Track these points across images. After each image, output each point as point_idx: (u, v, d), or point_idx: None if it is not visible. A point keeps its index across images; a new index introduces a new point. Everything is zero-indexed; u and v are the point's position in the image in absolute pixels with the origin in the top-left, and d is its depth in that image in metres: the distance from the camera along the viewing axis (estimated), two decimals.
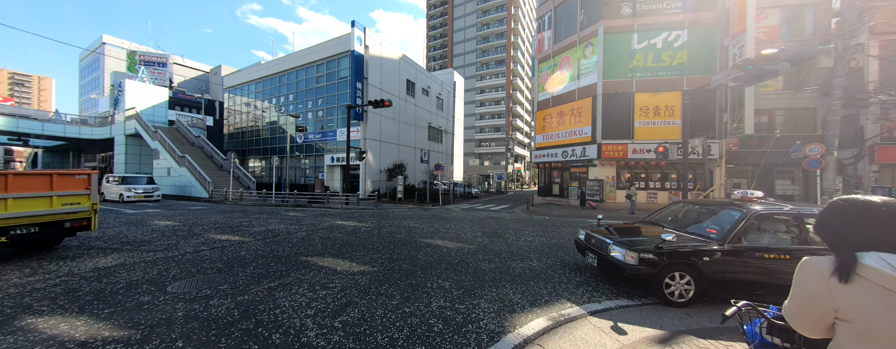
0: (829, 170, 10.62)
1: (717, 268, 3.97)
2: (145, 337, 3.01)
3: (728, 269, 3.97)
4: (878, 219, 0.99)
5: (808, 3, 15.79)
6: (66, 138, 36.13)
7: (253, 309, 3.67)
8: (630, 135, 16.85)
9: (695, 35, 16.49)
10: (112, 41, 54.52)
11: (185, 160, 24.32)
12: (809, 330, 1.08)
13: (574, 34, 19.07)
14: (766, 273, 3.93)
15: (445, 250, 6.83)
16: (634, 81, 17.07)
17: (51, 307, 3.68)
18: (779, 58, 8.70)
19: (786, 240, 4.15)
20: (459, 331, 3.23)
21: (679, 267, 4.02)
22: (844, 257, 0.99)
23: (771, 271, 3.92)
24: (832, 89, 10.48)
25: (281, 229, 9.41)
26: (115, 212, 13.06)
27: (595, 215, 13.85)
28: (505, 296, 4.17)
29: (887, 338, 0.91)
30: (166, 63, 53.40)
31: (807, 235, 4.03)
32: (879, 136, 14.19)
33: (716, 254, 3.99)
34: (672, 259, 4.01)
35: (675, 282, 4.03)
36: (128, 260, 5.74)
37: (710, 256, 3.99)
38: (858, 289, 0.95)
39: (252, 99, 31.62)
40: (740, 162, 15.65)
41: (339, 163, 24.39)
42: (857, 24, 10.06)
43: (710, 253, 4.01)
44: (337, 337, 3.07)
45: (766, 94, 16.10)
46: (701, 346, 2.98)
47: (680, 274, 4.02)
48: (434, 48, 72.73)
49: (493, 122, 63.01)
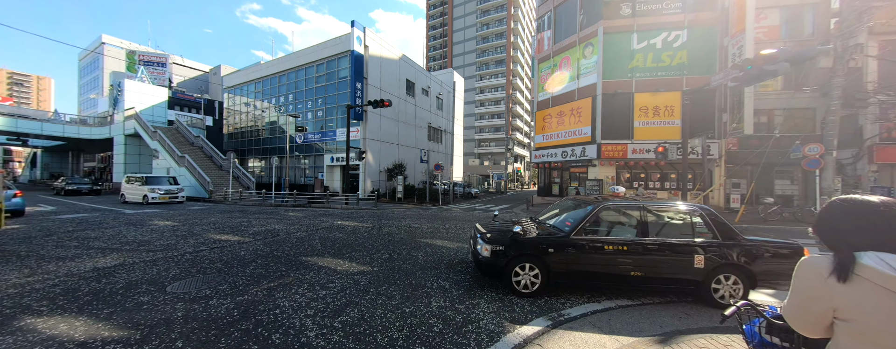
0: (828, 170, 10.63)
1: (562, 260, 4.14)
2: (145, 337, 3.01)
3: (572, 261, 4.13)
4: (876, 218, 1.00)
5: (807, 4, 15.81)
6: (65, 138, 36.09)
7: (252, 309, 3.67)
8: (630, 135, 16.86)
9: (694, 35, 16.50)
10: (111, 41, 54.46)
11: (185, 160, 24.30)
12: (808, 329, 1.08)
13: (574, 34, 19.08)
14: (605, 264, 4.10)
15: (445, 250, 6.83)
16: (634, 81, 17.08)
17: (50, 307, 3.67)
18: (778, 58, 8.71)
19: (630, 232, 4.29)
20: (459, 331, 3.23)
21: (527, 258, 4.18)
22: (843, 257, 0.99)
23: (609, 262, 4.09)
24: (831, 89, 10.49)
25: (280, 229, 9.40)
26: (114, 213, 13.05)
27: None
28: (505, 296, 4.17)
29: (886, 337, 0.91)
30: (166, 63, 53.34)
31: (649, 229, 4.21)
32: (878, 136, 14.22)
33: (561, 247, 4.15)
34: (519, 251, 4.18)
35: (523, 274, 4.18)
36: (127, 260, 5.73)
37: (555, 248, 4.15)
38: (857, 288, 0.95)
39: (251, 99, 31.60)
40: (740, 162, 15.67)
41: (338, 163, 24.38)
42: (856, 25, 10.08)
43: (556, 245, 4.17)
44: (337, 337, 3.07)
45: (766, 94, 16.12)
46: (700, 346, 2.98)
47: (529, 265, 4.17)
48: (434, 48, 72.73)
49: (492, 122, 63.03)
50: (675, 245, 4.09)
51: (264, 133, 30.52)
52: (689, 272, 4.02)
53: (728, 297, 4.02)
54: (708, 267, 3.99)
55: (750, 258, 4.01)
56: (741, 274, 4.01)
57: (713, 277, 4.03)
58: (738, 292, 4.02)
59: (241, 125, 33.05)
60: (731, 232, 4.13)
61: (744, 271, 4.00)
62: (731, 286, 4.03)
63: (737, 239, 4.09)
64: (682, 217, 4.41)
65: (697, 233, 4.21)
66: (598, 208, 4.40)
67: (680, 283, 4.11)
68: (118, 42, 55.08)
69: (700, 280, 4.02)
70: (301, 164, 28.00)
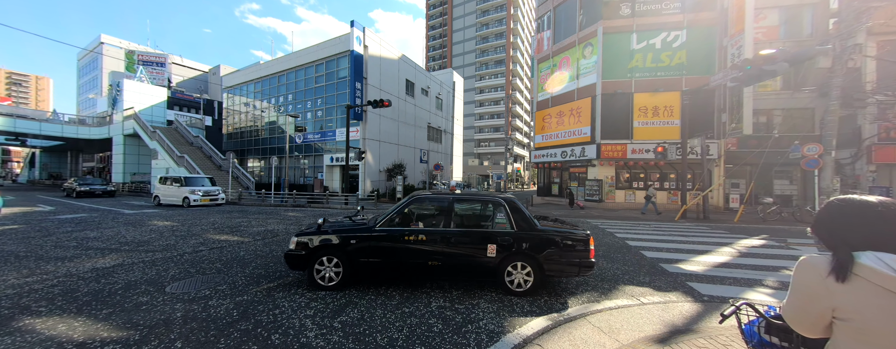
0: (827, 169, 10.65)
1: (364, 252, 4.22)
2: (144, 337, 3.00)
3: (374, 253, 4.22)
4: (874, 218, 1.00)
5: (806, 4, 15.84)
6: (63, 138, 36.04)
7: (252, 309, 3.67)
8: (629, 135, 16.88)
9: (693, 35, 16.53)
10: (110, 41, 54.39)
11: (184, 160, 24.27)
12: (807, 329, 1.09)
13: (573, 34, 19.09)
14: (406, 255, 4.20)
15: None
16: (633, 81, 17.10)
17: (49, 308, 3.66)
18: (777, 58, 8.73)
19: (436, 224, 4.42)
20: (459, 331, 3.23)
21: (329, 250, 4.23)
22: (842, 257, 0.99)
23: (409, 253, 4.20)
24: (830, 89, 10.51)
25: (280, 229, 9.39)
26: (112, 213, 13.03)
27: (588, 216, 13.86)
28: (504, 296, 4.17)
29: (884, 336, 0.92)
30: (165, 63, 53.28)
31: (453, 220, 4.35)
32: (877, 136, 14.25)
33: (363, 239, 4.23)
34: (321, 243, 4.24)
35: (325, 266, 4.23)
36: (126, 260, 5.72)
37: (357, 240, 4.23)
38: (856, 288, 0.96)
39: (251, 99, 31.57)
40: (739, 162, 15.70)
41: (338, 163, 24.37)
42: (855, 25, 10.09)
43: (358, 237, 4.23)
44: (336, 337, 3.07)
45: (765, 94, 16.15)
46: (700, 346, 2.98)
47: (328, 257, 4.23)
48: (433, 48, 72.73)
49: (492, 122, 63.05)
50: (469, 235, 4.26)
51: (264, 133, 30.50)
52: (482, 261, 4.15)
53: (523, 285, 4.14)
54: (499, 256, 4.11)
55: (539, 247, 4.14)
56: (531, 262, 4.13)
57: (506, 265, 4.15)
58: (529, 281, 4.14)
59: (240, 125, 33.02)
60: (526, 221, 4.25)
61: (533, 259, 4.13)
62: (523, 274, 4.15)
63: (530, 228, 4.20)
64: (486, 208, 4.56)
65: (496, 224, 4.37)
66: (409, 200, 4.54)
67: (475, 272, 4.24)
68: (117, 42, 55.01)
69: (493, 268, 4.14)
70: (300, 164, 27.98)
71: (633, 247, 7.29)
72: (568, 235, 4.21)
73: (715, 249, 7.12)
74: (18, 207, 14.53)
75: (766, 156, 13.62)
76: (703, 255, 6.52)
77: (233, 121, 33.81)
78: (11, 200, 17.75)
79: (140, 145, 32.80)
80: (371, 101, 16.39)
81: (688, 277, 5.11)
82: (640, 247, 7.37)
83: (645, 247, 7.37)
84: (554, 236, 4.20)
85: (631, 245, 7.58)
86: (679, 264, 5.86)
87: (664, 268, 5.58)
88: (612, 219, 12.79)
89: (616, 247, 7.30)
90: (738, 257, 6.46)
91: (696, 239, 8.41)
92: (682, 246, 7.48)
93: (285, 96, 28.55)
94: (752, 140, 15.25)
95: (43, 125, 33.63)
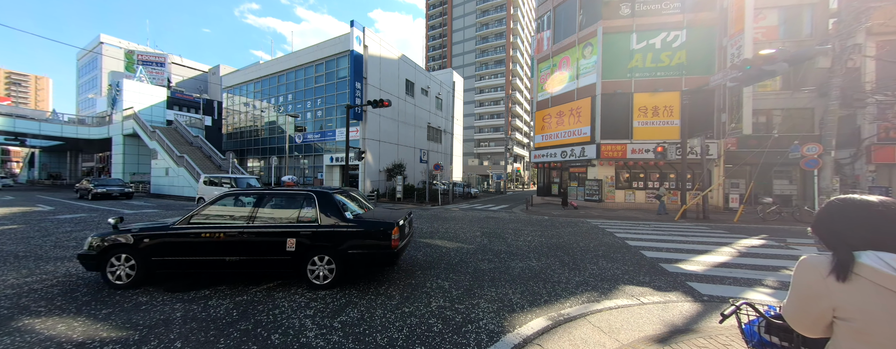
0: (827, 169, 10.66)
1: (160, 250, 4.21)
2: (143, 337, 3.00)
3: (170, 251, 4.22)
4: (874, 218, 1.00)
5: (805, 4, 15.85)
6: (63, 138, 36.02)
7: (252, 309, 3.66)
8: (629, 135, 16.88)
9: (693, 35, 16.53)
10: (110, 41, 54.36)
11: (184, 160, 24.25)
12: (807, 329, 1.09)
13: (573, 34, 19.09)
14: (204, 252, 4.22)
15: (444, 250, 6.83)
16: (633, 81, 17.10)
17: (48, 308, 3.66)
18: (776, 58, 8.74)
19: (242, 220, 4.41)
20: (459, 331, 3.23)
21: (122, 249, 4.20)
22: (842, 256, 0.99)
23: (208, 250, 4.22)
24: (830, 89, 10.51)
25: None
26: (111, 212, 13.01)
27: (588, 215, 13.87)
28: (504, 296, 4.17)
29: (885, 336, 0.92)
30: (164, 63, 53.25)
31: (259, 215, 4.41)
32: (876, 135, 14.26)
33: (158, 237, 4.22)
34: (114, 241, 4.22)
35: (119, 264, 4.19)
36: None
37: (151, 238, 4.23)
38: (856, 287, 0.96)
39: (251, 99, 31.55)
40: (738, 162, 15.71)
41: (338, 163, 24.36)
42: (855, 25, 10.10)
43: (152, 235, 4.23)
44: (336, 337, 3.07)
45: (765, 94, 16.16)
46: (700, 346, 2.98)
47: (125, 256, 4.20)
48: (433, 48, 72.73)
49: (492, 122, 63.05)
50: (269, 230, 4.28)
51: (263, 133, 30.49)
52: (282, 254, 4.18)
53: (326, 278, 4.19)
54: (300, 249, 4.15)
55: (340, 239, 4.18)
56: (333, 255, 4.17)
57: (308, 258, 4.18)
58: (332, 273, 4.18)
59: (240, 125, 33.00)
60: (335, 215, 4.30)
61: (335, 252, 4.17)
62: (326, 267, 4.19)
63: (336, 222, 4.25)
64: (295, 202, 4.57)
65: (301, 218, 4.38)
66: (219, 197, 4.60)
67: (273, 266, 4.25)
68: (116, 42, 54.98)
69: (294, 262, 4.20)
70: (300, 163, 27.96)
71: (633, 247, 7.29)
72: (370, 227, 4.27)
73: (715, 249, 7.12)
74: (20, 207, 14.51)
75: (766, 156, 13.63)
76: (702, 255, 6.53)
77: (232, 121, 33.80)
78: (11, 200, 17.72)
79: (139, 145, 32.78)
80: (371, 101, 16.38)
81: (688, 277, 5.11)
82: (640, 246, 7.38)
83: (645, 246, 7.38)
84: (356, 228, 4.25)
85: (631, 245, 7.58)
86: (679, 264, 5.86)
87: (664, 268, 5.58)
88: (611, 218, 12.79)
89: (616, 247, 7.31)
90: (738, 257, 6.47)
91: (696, 239, 8.41)
92: (682, 246, 7.49)
93: (285, 96, 28.54)
94: (752, 140, 15.26)
95: (42, 125, 33.62)
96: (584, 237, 8.62)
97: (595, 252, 6.83)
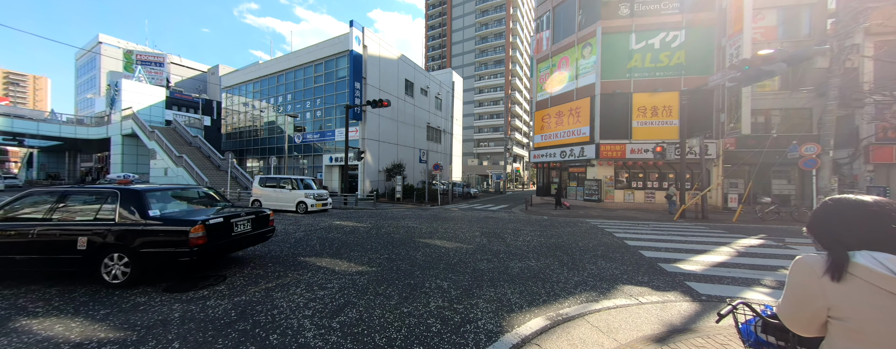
0: (825, 169, 10.68)
1: None
2: (141, 338, 2.99)
3: None
4: (869, 218, 1.00)
5: (804, 4, 15.89)
6: (61, 138, 35.97)
7: (250, 309, 3.66)
8: (628, 135, 16.90)
9: (692, 35, 16.56)
10: (108, 40, 54.27)
11: (183, 160, 24.23)
12: (802, 328, 1.09)
13: (572, 34, 19.11)
14: (16, 250, 4.24)
15: (444, 250, 6.83)
16: (632, 81, 17.13)
17: (46, 308, 3.65)
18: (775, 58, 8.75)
19: (39, 218, 4.42)
20: (457, 331, 3.23)
21: None
22: (837, 256, 1.00)
23: (18, 247, 4.24)
24: (828, 89, 10.54)
25: (279, 229, 9.37)
26: None
27: (587, 215, 13.88)
28: (503, 296, 4.17)
29: (879, 335, 0.92)
30: (163, 63, 53.18)
31: (58, 213, 4.42)
32: (874, 135, 14.30)
33: None
34: None
35: None
36: None
37: None
38: (851, 287, 0.96)
39: (250, 99, 31.53)
40: (737, 162, 15.74)
41: (337, 163, 24.36)
42: (853, 25, 10.12)
43: None
44: (335, 337, 3.07)
45: (763, 94, 16.20)
46: (697, 345, 2.99)
47: None
48: (433, 48, 72.73)
49: (491, 122, 63.07)
50: (60, 228, 4.29)
51: (263, 133, 30.47)
52: (72, 253, 4.17)
53: (121, 276, 4.18)
54: (92, 248, 4.15)
55: (136, 238, 4.18)
56: (129, 253, 4.17)
57: (102, 257, 4.18)
58: (127, 273, 4.18)
59: (239, 125, 32.98)
60: (137, 212, 4.30)
61: (130, 251, 4.17)
62: (121, 266, 4.19)
63: (136, 220, 4.26)
64: (97, 200, 4.55)
65: (99, 216, 4.35)
66: (20, 195, 4.63)
67: (63, 264, 4.25)
68: (115, 41, 54.89)
69: (85, 260, 4.18)
70: (300, 163, 27.95)
71: (632, 247, 7.30)
72: (170, 225, 4.26)
73: (713, 249, 7.13)
74: None
75: (765, 155, 13.66)
76: (701, 255, 6.54)
77: (232, 121, 33.77)
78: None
79: (138, 145, 32.75)
80: (370, 101, 16.39)
81: (686, 277, 5.12)
82: (639, 246, 7.38)
83: (644, 246, 7.38)
84: (155, 226, 4.25)
85: (629, 245, 7.59)
86: (677, 264, 5.87)
87: (663, 268, 5.59)
88: (611, 218, 12.80)
89: (615, 247, 7.31)
90: (737, 257, 6.48)
91: (695, 238, 8.43)
92: (681, 245, 7.50)
93: (284, 96, 28.53)
94: (751, 140, 15.29)
95: (41, 125, 33.55)
96: (583, 237, 8.62)
97: (594, 252, 6.83)
